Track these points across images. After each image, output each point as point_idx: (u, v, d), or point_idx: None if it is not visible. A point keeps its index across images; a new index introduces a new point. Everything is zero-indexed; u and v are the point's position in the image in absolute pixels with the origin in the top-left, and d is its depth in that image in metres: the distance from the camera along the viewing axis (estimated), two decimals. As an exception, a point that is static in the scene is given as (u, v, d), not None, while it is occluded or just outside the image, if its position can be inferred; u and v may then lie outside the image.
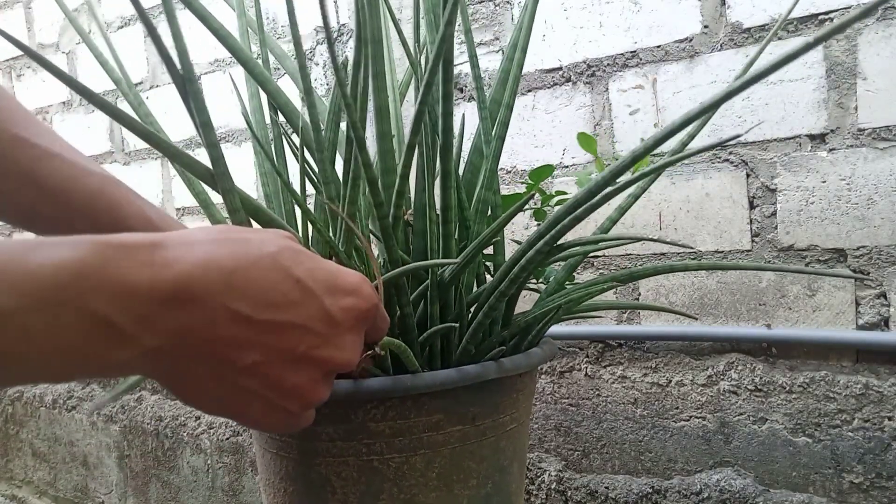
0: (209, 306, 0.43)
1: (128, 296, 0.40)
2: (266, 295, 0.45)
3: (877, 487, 1.01)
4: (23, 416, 2.31)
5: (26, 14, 2.10)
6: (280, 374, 0.47)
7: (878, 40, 0.97)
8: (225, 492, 1.78)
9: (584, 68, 1.20)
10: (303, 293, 0.47)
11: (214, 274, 0.43)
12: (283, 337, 0.47)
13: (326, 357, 0.49)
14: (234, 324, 0.44)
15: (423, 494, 0.73)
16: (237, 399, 0.47)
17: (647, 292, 1.18)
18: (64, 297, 0.38)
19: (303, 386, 0.49)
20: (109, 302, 0.39)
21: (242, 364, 0.45)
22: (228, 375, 0.46)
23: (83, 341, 0.39)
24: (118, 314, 0.39)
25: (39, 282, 0.37)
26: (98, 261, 0.39)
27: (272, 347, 0.46)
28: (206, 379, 0.45)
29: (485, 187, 0.81)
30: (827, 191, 1.02)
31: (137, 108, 0.85)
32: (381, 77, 0.65)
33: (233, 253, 0.45)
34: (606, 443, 1.23)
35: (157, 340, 0.42)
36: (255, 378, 0.46)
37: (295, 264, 0.48)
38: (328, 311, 0.49)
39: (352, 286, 0.51)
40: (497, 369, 0.74)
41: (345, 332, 0.50)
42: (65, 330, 0.38)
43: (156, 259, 0.41)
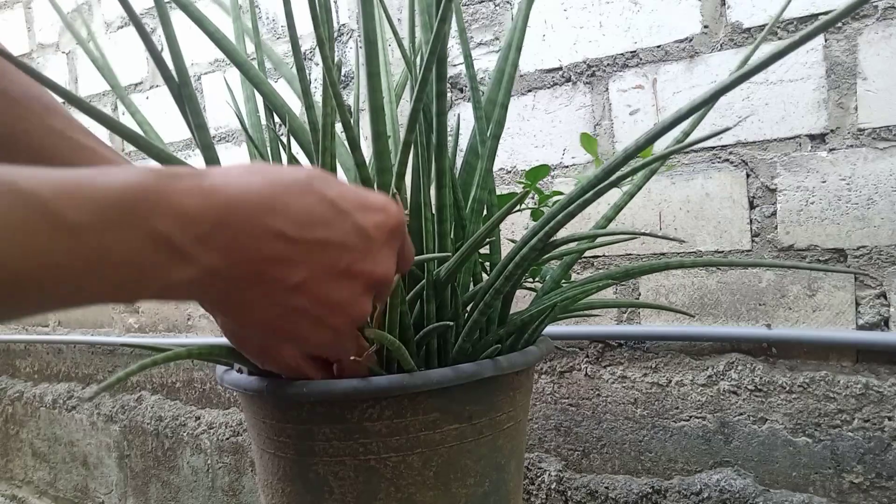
0: (254, 227, 0.45)
1: (184, 217, 0.42)
2: (304, 215, 0.48)
3: (877, 487, 1.01)
4: (23, 416, 2.32)
5: (26, 14, 2.10)
6: (326, 291, 0.50)
7: (878, 40, 0.96)
8: (225, 492, 1.78)
9: (584, 68, 1.20)
10: (336, 212, 0.50)
11: (255, 198, 0.46)
12: (325, 254, 0.49)
13: (366, 270, 0.52)
14: (278, 243, 0.47)
15: (421, 493, 0.73)
16: (288, 319, 0.50)
17: (647, 292, 1.18)
18: (131, 216, 0.40)
19: (347, 300, 0.51)
20: (170, 222, 0.42)
21: (291, 282, 0.48)
22: (279, 295, 0.48)
23: (150, 259, 0.41)
24: (178, 234, 0.42)
25: (110, 201, 0.40)
26: (157, 185, 0.42)
27: (316, 264, 0.49)
28: (259, 302, 0.48)
29: (480, 187, 0.81)
30: (827, 191, 1.01)
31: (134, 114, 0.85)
32: (376, 77, 0.65)
33: (268, 180, 0.47)
34: (606, 443, 1.23)
35: (212, 260, 0.44)
36: (304, 296, 0.49)
37: (326, 187, 0.50)
38: (362, 226, 0.51)
39: (380, 204, 0.54)
40: (493, 367, 0.74)
41: (380, 247, 0.53)
42: (132, 248, 0.40)
43: (203, 186, 0.44)
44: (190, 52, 1.72)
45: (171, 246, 0.42)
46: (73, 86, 2.01)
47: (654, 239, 1.14)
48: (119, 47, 1.87)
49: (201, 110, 0.67)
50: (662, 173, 1.13)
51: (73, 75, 2.01)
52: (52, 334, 2.21)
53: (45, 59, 2.07)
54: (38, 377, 2.27)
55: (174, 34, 0.71)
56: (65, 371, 2.18)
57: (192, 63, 1.72)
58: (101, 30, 1.91)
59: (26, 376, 2.32)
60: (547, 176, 1.01)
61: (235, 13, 0.90)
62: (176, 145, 1.79)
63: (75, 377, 2.15)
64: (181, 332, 1.87)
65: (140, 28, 0.67)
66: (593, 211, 1.09)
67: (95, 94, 1.96)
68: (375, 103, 0.67)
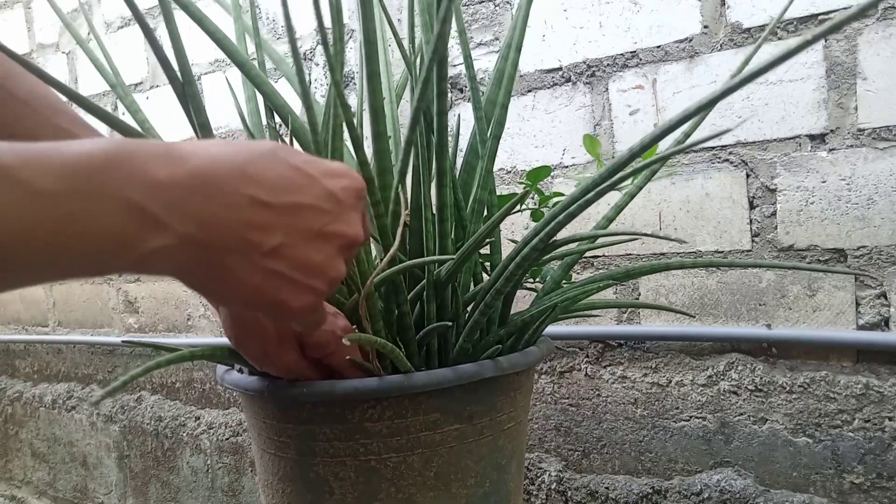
0: (229, 193, 0.46)
1: (154, 184, 0.42)
2: (276, 181, 0.49)
3: (877, 488, 1.01)
4: (22, 416, 2.32)
5: (26, 14, 2.10)
6: (303, 253, 0.51)
7: (878, 40, 0.96)
8: (225, 492, 1.78)
9: (584, 68, 1.20)
10: (305, 178, 0.51)
11: (228, 165, 0.47)
12: (300, 217, 0.50)
13: (339, 232, 0.53)
14: (254, 208, 0.47)
15: (421, 494, 0.73)
16: (268, 284, 0.50)
17: (647, 292, 1.18)
18: (99, 183, 0.40)
19: (324, 263, 0.52)
20: (140, 190, 0.42)
21: (269, 247, 0.49)
22: (257, 261, 0.49)
23: (121, 227, 0.41)
24: (149, 201, 0.42)
25: (77, 167, 0.40)
26: (122, 154, 0.42)
27: (292, 228, 0.50)
28: (238, 268, 0.48)
29: (481, 187, 0.81)
30: (827, 191, 1.01)
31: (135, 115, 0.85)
32: (376, 78, 0.65)
33: (237, 150, 0.48)
34: (606, 443, 1.23)
35: (187, 227, 0.44)
36: (282, 260, 0.50)
37: (291, 156, 0.52)
38: (331, 190, 0.53)
39: (343, 170, 0.55)
40: (494, 368, 0.74)
41: (349, 210, 0.54)
42: (104, 215, 0.40)
43: (172, 154, 0.44)
44: (190, 52, 1.71)
45: (143, 213, 0.42)
46: (73, 86, 2.01)
47: (654, 239, 1.14)
48: (119, 47, 1.87)
49: (204, 109, 0.67)
50: (663, 174, 1.13)
51: (74, 75, 2.01)
52: (52, 334, 2.20)
53: (45, 59, 2.07)
54: (37, 377, 2.27)
55: (178, 32, 0.71)
56: (64, 371, 2.18)
57: (192, 63, 1.72)
58: (101, 30, 1.90)
59: (26, 376, 2.32)
60: (547, 177, 1.01)
61: (236, 13, 0.90)
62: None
63: (75, 377, 2.15)
64: (181, 332, 1.87)
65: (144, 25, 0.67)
66: (594, 211, 1.09)
67: (96, 94, 1.96)
68: (376, 103, 0.67)
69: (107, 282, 2.03)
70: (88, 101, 0.66)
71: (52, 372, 2.22)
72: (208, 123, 0.66)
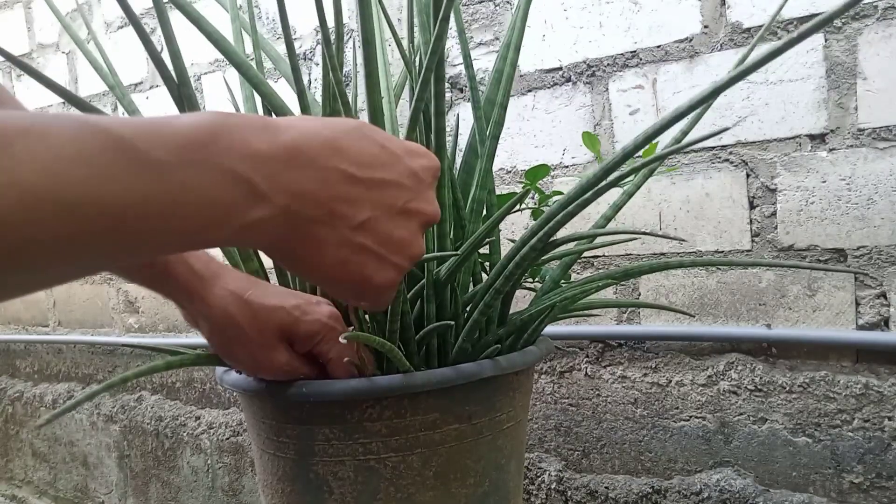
0: (321, 167, 0.47)
1: (256, 157, 0.44)
2: (364, 157, 0.50)
3: (877, 487, 1.00)
4: (23, 416, 2.32)
5: (26, 14, 2.10)
6: (389, 229, 0.52)
7: (878, 40, 0.96)
8: (225, 492, 1.78)
9: (584, 68, 1.20)
10: (389, 155, 0.52)
11: (318, 140, 0.48)
12: (386, 193, 0.51)
13: (420, 209, 0.54)
14: (344, 183, 0.49)
15: (421, 493, 0.73)
16: (355, 258, 0.51)
17: (647, 292, 1.18)
18: (207, 154, 0.42)
19: (407, 238, 0.53)
20: (243, 161, 0.43)
21: (357, 221, 0.50)
22: (346, 234, 0.49)
23: (229, 197, 0.43)
24: (253, 172, 0.43)
25: (187, 139, 0.41)
26: (227, 126, 0.43)
27: (379, 203, 0.51)
28: (329, 241, 0.49)
29: (480, 186, 0.81)
30: (827, 191, 1.01)
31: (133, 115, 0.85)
32: (374, 78, 0.65)
33: (326, 125, 0.50)
34: (606, 443, 1.23)
35: (286, 199, 0.45)
36: (370, 234, 0.51)
37: (375, 133, 0.53)
38: (413, 169, 0.54)
39: (421, 149, 0.57)
40: (493, 367, 0.74)
41: (427, 188, 0.55)
42: (213, 185, 0.42)
43: (269, 128, 0.46)
44: (189, 52, 1.72)
45: (248, 184, 0.43)
46: (73, 86, 2.01)
47: (654, 239, 1.14)
48: (119, 47, 1.87)
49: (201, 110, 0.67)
50: (662, 173, 1.13)
51: (73, 75, 2.01)
52: (53, 334, 2.21)
53: (45, 59, 2.07)
54: (38, 377, 2.27)
55: (173, 34, 0.71)
56: (65, 371, 2.18)
57: (191, 63, 1.72)
58: (101, 30, 1.91)
59: (26, 376, 2.32)
60: (547, 176, 1.01)
61: (234, 13, 0.90)
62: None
63: (75, 377, 2.15)
64: (181, 332, 1.87)
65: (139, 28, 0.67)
66: (593, 211, 1.09)
67: (96, 94, 1.96)
68: (374, 103, 0.67)
69: (107, 282, 2.03)
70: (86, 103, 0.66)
71: (52, 372, 2.22)
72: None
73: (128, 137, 0.38)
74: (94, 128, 0.38)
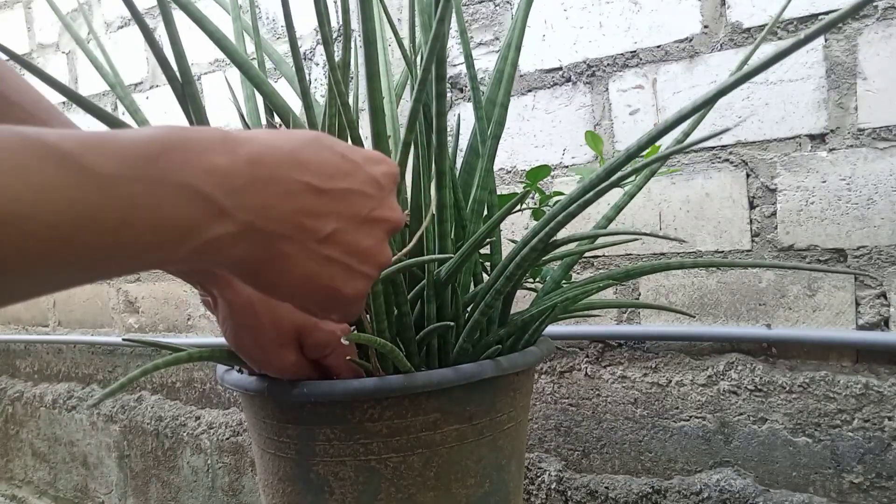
0: (284, 180, 0.46)
1: (216, 171, 0.42)
2: (326, 168, 0.50)
3: (877, 487, 1.01)
4: (23, 416, 2.32)
5: (26, 14, 2.10)
6: (355, 239, 0.51)
7: (878, 40, 0.96)
8: (225, 492, 1.78)
9: (584, 68, 1.20)
10: (351, 164, 0.52)
11: (280, 152, 0.47)
12: (350, 203, 0.51)
13: (385, 217, 0.54)
14: (309, 195, 0.48)
15: (421, 494, 0.73)
16: (323, 271, 0.50)
17: (647, 292, 1.18)
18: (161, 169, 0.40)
19: (374, 247, 0.53)
20: (201, 176, 0.42)
21: (324, 233, 0.49)
22: (313, 247, 0.49)
23: (185, 213, 0.41)
24: (212, 188, 0.42)
25: (138, 152, 0.39)
26: (181, 140, 0.42)
27: (344, 214, 0.50)
28: (295, 256, 0.48)
29: (481, 187, 0.81)
30: (827, 191, 1.01)
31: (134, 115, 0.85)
32: (375, 78, 0.65)
33: (286, 138, 0.49)
34: (606, 443, 1.23)
35: (248, 215, 0.44)
36: (337, 246, 0.50)
37: (334, 143, 0.52)
38: (373, 176, 0.53)
39: (380, 156, 0.56)
40: (494, 368, 0.74)
41: (389, 194, 0.55)
42: (168, 201, 0.40)
43: (228, 141, 0.44)
44: (190, 52, 1.71)
45: (206, 200, 0.42)
46: (73, 86, 2.01)
47: (654, 239, 1.14)
48: (119, 47, 1.87)
49: (204, 109, 0.67)
50: (664, 174, 1.13)
51: (74, 75, 2.01)
52: (53, 334, 2.21)
53: (45, 59, 2.07)
54: (38, 377, 2.27)
55: (177, 33, 0.71)
56: (65, 371, 2.18)
57: (192, 63, 1.72)
58: (102, 30, 1.91)
59: (26, 376, 2.32)
60: (548, 176, 1.01)
61: (235, 13, 0.90)
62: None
63: (75, 377, 2.15)
64: (181, 332, 1.87)
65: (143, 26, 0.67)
66: (594, 211, 1.09)
67: (96, 94, 1.96)
68: (375, 104, 0.67)
69: (106, 282, 2.03)
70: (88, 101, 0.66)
71: (52, 372, 2.22)
72: (208, 124, 0.66)
73: (70, 150, 0.37)
74: (34, 141, 0.36)
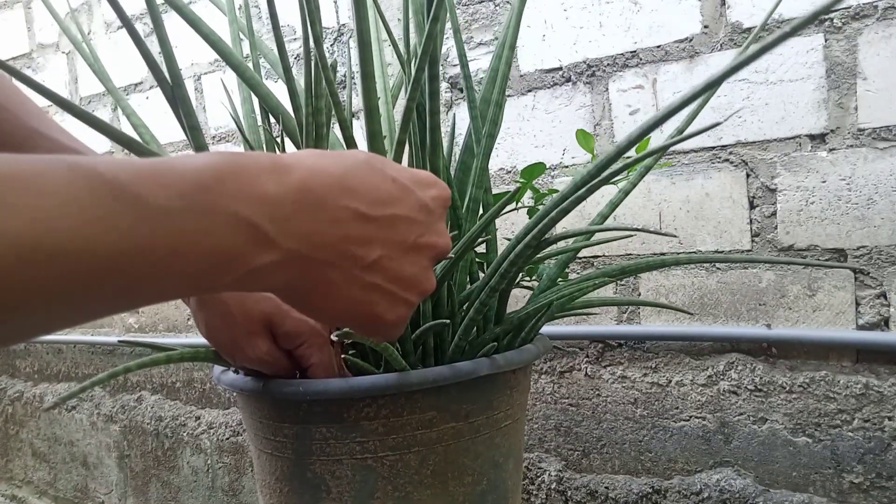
0: (331, 207, 0.46)
1: (264, 200, 0.42)
2: (374, 193, 0.49)
3: (877, 487, 1.00)
4: (23, 416, 2.32)
5: (26, 14, 2.10)
6: (400, 266, 0.50)
7: (878, 40, 0.96)
8: (225, 492, 1.78)
9: (584, 68, 1.20)
10: (400, 189, 0.51)
11: (328, 178, 0.46)
12: (398, 230, 0.50)
13: (431, 243, 0.53)
14: (355, 222, 0.47)
15: (418, 492, 0.73)
16: (366, 298, 0.50)
17: (647, 292, 1.18)
18: (211, 199, 0.40)
19: (418, 274, 0.52)
20: (250, 205, 0.42)
21: (369, 260, 0.48)
22: (357, 274, 0.48)
23: (232, 243, 0.41)
24: (259, 217, 0.42)
25: (190, 185, 0.39)
26: (233, 168, 0.42)
27: (390, 241, 0.50)
28: (339, 283, 0.48)
29: (476, 185, 0.81)
30: (827, 191, 1.01)
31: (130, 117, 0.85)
32: (370, 78, 0.65)
33: (335, 161, 0.48)
34: (606, 443, 1.22)
35: (294, 243, 0.44)
36: (381, 273, 0.49)
37: (385, 165, 0.51)
38: (423, 201, 0.52)
39: (431, 179, 0.55)
40: (490, 365, 0.74)
41: (438, 220, 0.54)
42: (216, 231, 0.40)
43: (278, 167, 0.44)
44: (190, 52, 1.72)
45: (254, 229, 0.42)
46: (73, 86, 2.02)
47: (653, 239, 1.14)
48: (119, 47, 1.87)
49: (194, 111, 0.67)
50: (661, 173, 1.13)
51: (73, 75, 2.01)
52: (52, 334, 2.20)
53: (45, 59, 2.07)
54: (38, 377, 2.27)
55: (166, 36, 0.71)
56: (65, 371, 2.18)
57: (192, 63, 1.72)
58: (102, 30, 1.91)
59: (26, 376, 2.32)
60: (543, 173, 1.01)
61: (232, 15, 0.90)
62: (176, 145, 1.79)
63: (75, 377, 2.15)
64: (181, 332, 1.87)
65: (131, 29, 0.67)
66: (593, 211, 1.09)
67: (96, 95, 1.96)
68: (370, 103, 0.67)
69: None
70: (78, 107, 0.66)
71: (52, 372, 2.22)
72: (198, 126, 0.66)
73: (125, 182, 0.37)
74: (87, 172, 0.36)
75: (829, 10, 0.42)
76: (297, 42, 1.55)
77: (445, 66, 1.33)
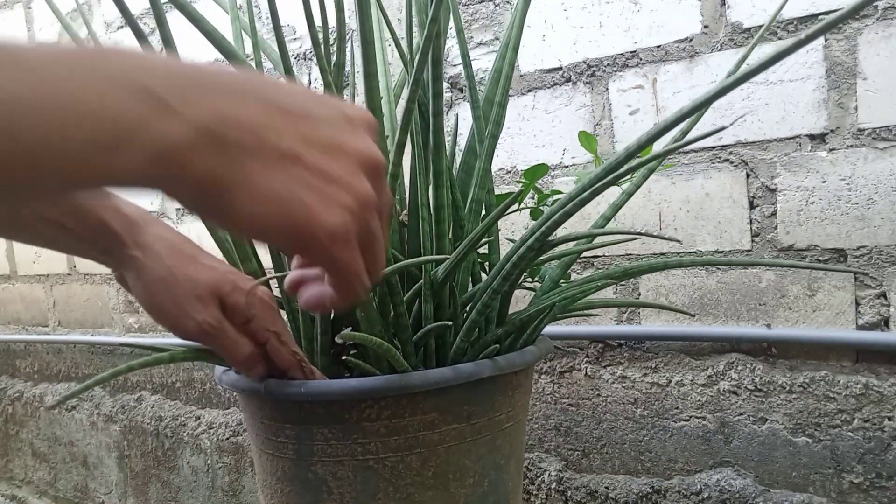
0: (248, 91, 0.44)
1: (160, 69, 0.40)
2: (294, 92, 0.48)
3: (877, 487, 1.00)
4: (23, 416, 2.32)
5: (26, 14, 2.10)
6: (320, 160, 0.47)
7: (878, 40, 0.96)
8: (225, 492, 1.78)
9: (584, 68, 1.20)
10: (320, 97, 0.50)
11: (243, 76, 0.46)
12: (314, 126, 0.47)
13: (354, 147, 0.49)
14: (271, 111, 0.45)
15: (420, 493, 0.73)
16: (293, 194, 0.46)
17: (647, 292, 1.18)
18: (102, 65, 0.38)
19: (345, 175, 0.48)
20: (148, 74, 0.39)
21: (284, 147, 0.45)
22: (277, 163, 0.45)
23: (129, 107, 0.38)
24: (159, 86, 0.39)
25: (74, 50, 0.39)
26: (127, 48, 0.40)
27: (307, 135, 0.47)
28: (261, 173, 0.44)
29: (479, 186, 0.81)
30: (827, 191, 1.01)
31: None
32: (373, 77, 0.65)
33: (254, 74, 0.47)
34: (606, 443, 1.23)
35: (201, 113, 0.41)
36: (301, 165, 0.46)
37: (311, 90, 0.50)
38: (345, 111, 0.50)
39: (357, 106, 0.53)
40: (492, 367, 0.74)
41: (364, 132, 0.51)
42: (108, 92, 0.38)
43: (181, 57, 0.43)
44: (192, 51, 1.71)
45: (152, 96, 0.39)
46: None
47: (653, 239, 1.14)
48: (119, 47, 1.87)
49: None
50: (662, 173, 1.13)
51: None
52: (53, 334, 2.21)
53: (45, 59, 2.07)
54: (38, 377, 2.27)
55: (170, 35, 0.71)
56: (65, 371, 2.18)
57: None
58: (101, 29, 1.91)
59: (26, 376, 2.32)
60: (545, 175, 1.01)
61: (234, 13, 0.90)
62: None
63: (75, 377, 2.15)
64: (181, 332, 1.86)
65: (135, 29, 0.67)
66: (593, 211, 1.09)
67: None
68: (372, 104, 0.67)
69: (107, 282, 2.03)
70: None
71: (52, 372, 2.22)
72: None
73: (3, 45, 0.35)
74: None
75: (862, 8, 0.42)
76: (297, 42, 1.55)
77: (445, 65, 1.33)
